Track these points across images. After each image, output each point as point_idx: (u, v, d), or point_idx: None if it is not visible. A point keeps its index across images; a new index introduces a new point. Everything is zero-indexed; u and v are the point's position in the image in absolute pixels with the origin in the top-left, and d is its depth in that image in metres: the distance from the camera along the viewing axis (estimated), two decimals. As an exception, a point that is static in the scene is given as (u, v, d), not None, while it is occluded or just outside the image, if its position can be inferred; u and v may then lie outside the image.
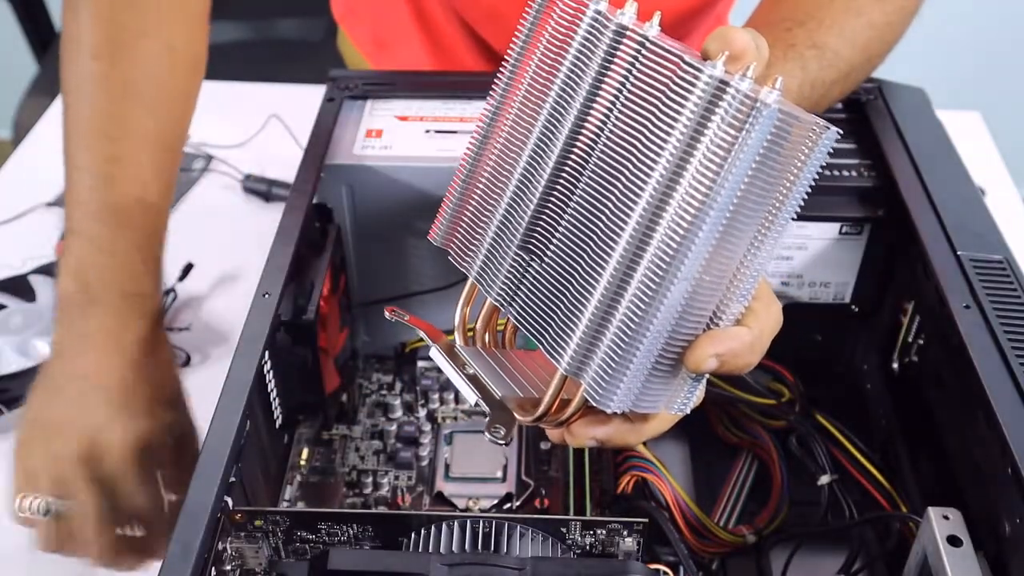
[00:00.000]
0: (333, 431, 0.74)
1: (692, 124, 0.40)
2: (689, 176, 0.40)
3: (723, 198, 0.40)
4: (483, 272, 0.50)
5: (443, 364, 0.52)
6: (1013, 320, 0.57)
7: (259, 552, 0.56)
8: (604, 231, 0.44)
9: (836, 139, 0.41)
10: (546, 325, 0.47)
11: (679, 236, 0.41)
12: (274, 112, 1.06)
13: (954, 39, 1.88)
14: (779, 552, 0.64)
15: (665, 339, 0.44)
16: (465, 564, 0.51)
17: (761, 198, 0.42)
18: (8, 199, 0.99)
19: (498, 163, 0.50)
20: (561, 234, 0.47)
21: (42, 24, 1.84)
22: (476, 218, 0.51)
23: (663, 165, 0.41)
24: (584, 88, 0.45)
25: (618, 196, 0.43)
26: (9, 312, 0.81)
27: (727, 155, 0.40)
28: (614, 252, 0.43)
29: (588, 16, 0.45)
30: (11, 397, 0.76)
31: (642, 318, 0.42)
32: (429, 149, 0.72)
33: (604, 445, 0.49)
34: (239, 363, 0.57)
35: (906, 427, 0.69)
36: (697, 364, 0.45)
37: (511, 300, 0.49)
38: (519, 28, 0.49)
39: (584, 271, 0.45)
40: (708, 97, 0.40)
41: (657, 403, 0.47)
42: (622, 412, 0.46)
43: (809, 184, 0.42)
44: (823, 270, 0.71)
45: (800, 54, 0.64)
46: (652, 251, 0.42)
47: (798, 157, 0.41)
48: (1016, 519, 0.50)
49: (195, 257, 0.89)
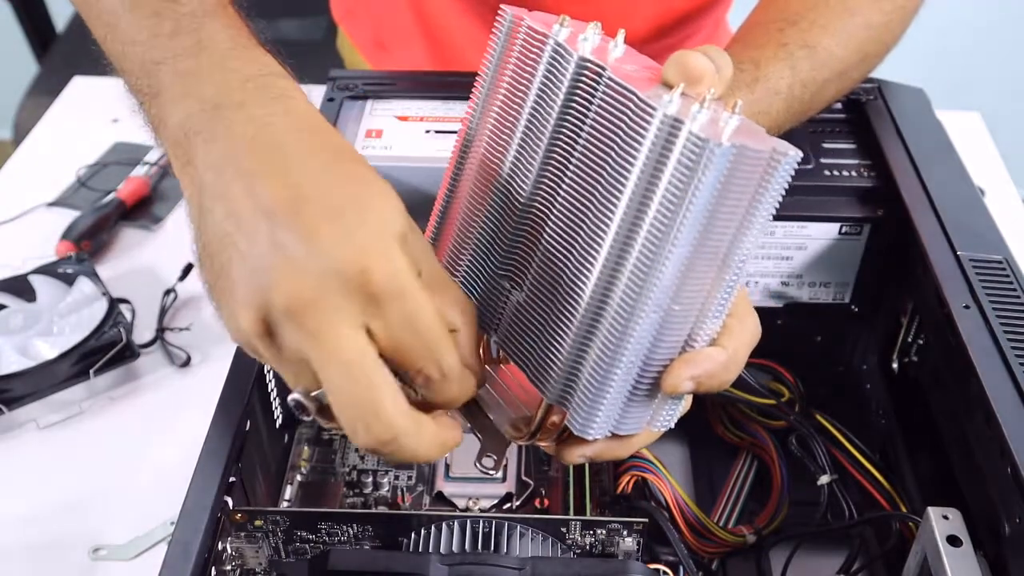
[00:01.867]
0: (333, 431, 0.74)
1: (649, 166, 0.40)
2: (650, 217, 0.41)
3: (684, 235, 0.41)
4: (468, 296, 0.51)
5: None
6: (1013, 320, 0.57)
7: (259, 552, 0.56)
8: (574, 268, 0.45)
9: (798, 160, 0.41)
10: (529, 354, 0.48)
11: (643, 273, 0.41)
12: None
13: (954, 39, 1.88)
14: (779, 552, 0.64)
15: (640, 367, 0.45)
16: (465, 564, 0.51)
17: (724, 227, 0.42)
18: (8, 199, 0.99)
19: (474, 190, 0.50)
20: (537, 266, 0.47)
21: (42, 24, 1.85)
22: (459, 242, 0.51)
23: (623, 206, 0.42)
24: (550, 121, 0.45)
25: (585, 235, 0.44)
26: (9, 312, 0.81)
27: (684, 195, 0.40)
28: (586, 286, 0.44)
29: (548, 48, 0.45)
30: (11, 397, 0.76)
31: (614, 350, 0.43)
32: (429, 149, 0.72)
33: (594, 460, 0.50)
34: (239, 363, 0.57)
35: (906, 427, 0.69)
36: (674, 387, 0.45)
37: (495, 326, 0.50)
38: (487, 52, 0.49)
39: (560, 304, 0.45)
40: (663, 138, 0.40)
41: (639, 424, 0.48)
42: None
43: (775, 205, 0.42)
44: (823, 270, 0.71)
45: (791, 53, 0.63)
46: (621, 285, 0.42)
47: (760, 184, 0.42)
48: (1016, 519, 0.50)
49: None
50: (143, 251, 0.94)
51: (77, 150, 1.05)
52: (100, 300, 0.82)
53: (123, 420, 0.78)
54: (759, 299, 0.72)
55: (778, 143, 0.41)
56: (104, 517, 0.71)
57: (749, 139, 0.40)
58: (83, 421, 0.78)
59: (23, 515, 0.71)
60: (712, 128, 0.39)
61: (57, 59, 1.69)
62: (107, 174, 1.01)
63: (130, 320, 0.84)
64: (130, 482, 0.73)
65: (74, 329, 0.79)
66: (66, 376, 0.77)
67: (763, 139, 0.41)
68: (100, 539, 0.69)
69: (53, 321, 0.80)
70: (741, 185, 0.41)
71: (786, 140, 0.42)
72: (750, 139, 0.40)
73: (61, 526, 0.70)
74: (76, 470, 0.74)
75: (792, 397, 0.71)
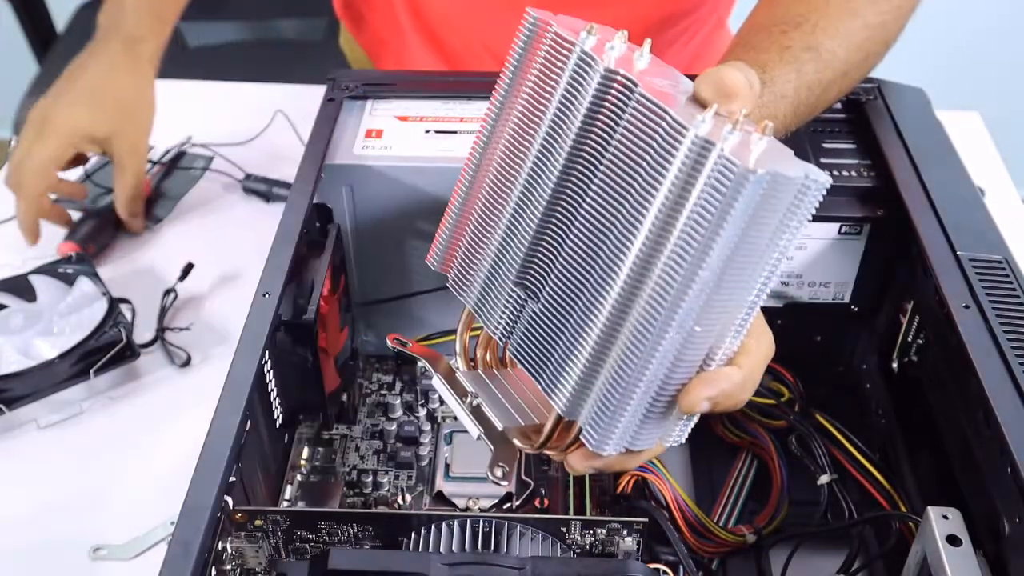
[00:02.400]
0: (333, 431, 0.74)
1: (678, 188, 0.40)
2: (676, 236, 0.40)
3: (712, 259, 0.40)
4: (481, 303, 0.50)
5: (446, 395, 0.53)
6: (1012, 320, 0.57)
7: (259, 552, 0.56)
8: (596, 281, 0.44)
9: (827, 187, 0.41)
10: (543, 365, 0.47)
11: (669, 294, 0.41)
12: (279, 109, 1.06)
13: (954, 39, 1.88)
14: (779, 552, 0.64)
15: (658, 386, 0.45)
16: (465, 564, 0.51)
17: (751, 251, 0.42)
18: (8, 199, 0.99)
19: (491, 195, 0.49)
20: (555, 278, 0.46)
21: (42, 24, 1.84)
22: (473, 248, 0.51)
23: (649, 225, 0.41)
24: (573, 129, 0.45)
25: (609, 249, 0.43)
26: (9, 312, 0.82)
27: (714, 219, 0.39)
28: (606, 304, 0.43)
29: (575, 57, 0.45)
30: (11, 397, 0.76)
31: (635, 370, 0.43)
32: (429, 149, 0.72)
33: (602, 472, 0.50)
34: (239, 363, 0.57)
35: (906, 427, 0.69)
36: (691, 407, 0.46)
37: (508, 334, 0.49)
38: (508, 58, 0.48)
39: (578, 319, 0.45)
40: (693, 159, 0.39)
41: (652, 440, 0.48)
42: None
43: (801, 228, 0.42)
44: (823, 270, 0.71)
45: (796, 56, 0.63)
46: (643, 305, 0.42)
47: (789, 208, 0.41)
48: (1016, 519, 0.50)
49: (195, 257, 0.89)
50: (143, 251, 0.94)
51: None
52: (100, 300, 0.82)
53: (123, 420, 0.78)
54: (759, 299, 0.72)
55: (809, 169, 0.41)
56: (104, 517, 0.71)
57: (780, 163, 0.39)
58: (83, 421, 0.78)
59: (23, 515, 0.71)
60: (743, 151, 0.39)
61: (57, 59, 1.69)
62: (108, 173, 1.01)
63: (130, 320, 0.84)
64: (130, 482, 0.73)
65: (74, 329, 0.79)
66: (66, 376, 0.77)
67: (793, 163, 0.40)
68: (100, 539, 0.69)
69: (53, 321, 0.80)
70: (771, 210, 0.40)
71: (786, 141, 0.42)
72: (781, 163, 0.39)
73: (61, 526, 0.70)
74: (76, 470, 0.74)
75: (792, 397, 0.71)
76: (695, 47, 1.06)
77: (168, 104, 0.96)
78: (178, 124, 1.06)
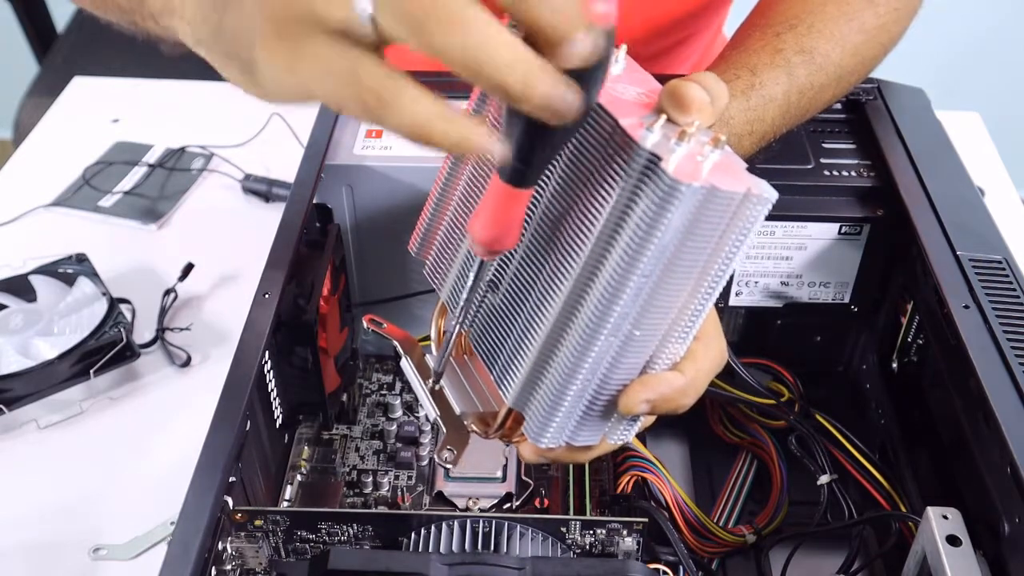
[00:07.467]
0: (333, 431, 0.74)
1: (623, 197, 0.41)
2: (618, 247, 0.41)
3: (646, 267, 0.41)
4: (452, 293, 0.52)
5: (411, 377, 0.56)
6: (1012, 320, 0.57)
7: (259, 552, 0.56)
8: (546, 279, 0.45)
9: (773, 202, 0.41)
10: (496, 356, 0.49)
11: (605, 296, 0.42)
12: (276, 111, 1.06)
13: (954, 40, 1.88)
14: (778, 552, 0.64)
15: (596, 385, 0.45)
16: (465, 564, 0.51)
17: (691, 261, 0.42)
18: (8, 199, 0.99)
19: (467, 189, 0.51)
20: (512, 272, 0.48)
21: (42, 24, 1.84)
22: (446, 240, 0.52)
23: (596, 232, 0.42)
24: None
25: (558, 253, 0.44)
26: (9, 312, 0.82)
27: (651, 229, 0.40)
28: (552, 301, 0.45)
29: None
30: (11, 397, 0.76)
31: (570, 368, 0.44)
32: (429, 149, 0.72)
33: (553, 463, 0.51)
34: (239, 363, 0.57)
35: (906, 427, 0.69)
36: (628, 408, 0.46)
37: (471, 323, 0.50)
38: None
39: (528, 314, 0.47)
40: (637, 171, 0.40)
41: (594, 437, 0.49)
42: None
43: (745, 241, 0.43)
44: (822, 270, 0.71)
45: (787, 59, 0.63)
46: (584, 309, 0.43)
47: (730, 221, 0.42)
48: (1016, 519, 0.50)
49: (195, 257, 0.89)
50: (143, 251, 0.94)
51: (77, 150, 1.05)
52: (100, 300, 0.82)
53: (123, 420, 0.78)
54: (759, 299, 0.72)
55: (755, 183, 0.41)
56: (104, 517, 0.71)
57: (725, 178, 0.40)
58: (83, 421, 0.78)
59: (23, 515, 0.71)
60: (689, 164, 0.39)
61: (57, 59, 1.69)
62: (108, 174, 1.01)
63: (130, 320, 0.84)
64: (130, 482, 0.73)
65: (74, 329, 0.79)
66: (66, 376, 0.77)
67: (741, 177, 0.41)
68: (100, 539, 0.69)
69: (53, 321, 0.80)
70: (710, 223, 0.41)
71: (786, 141, 0.42)
72: (726, 178, 0.40)
73: (61, 526, 0.70)
74: (76, 470, 0.74)
75: (792, 397, 0.71)
76: (701, 50, 1.05)
77: (168, 104, 0.96)
78: (178, 124, 1.06)
